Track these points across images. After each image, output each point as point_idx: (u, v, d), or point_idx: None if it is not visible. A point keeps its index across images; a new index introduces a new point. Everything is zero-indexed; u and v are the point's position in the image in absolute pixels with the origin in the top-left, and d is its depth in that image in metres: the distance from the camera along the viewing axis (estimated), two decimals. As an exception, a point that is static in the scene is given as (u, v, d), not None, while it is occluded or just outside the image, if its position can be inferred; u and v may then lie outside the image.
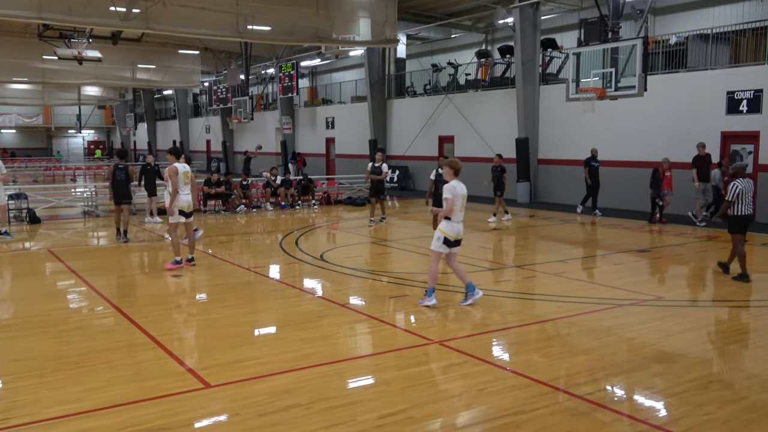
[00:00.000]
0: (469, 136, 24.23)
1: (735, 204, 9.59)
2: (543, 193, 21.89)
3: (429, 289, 8.10)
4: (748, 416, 4.88)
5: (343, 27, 21.02)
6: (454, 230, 7.92)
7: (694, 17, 20.51)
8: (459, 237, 8.00)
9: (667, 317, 7.65)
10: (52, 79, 32.51)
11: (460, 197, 7.83)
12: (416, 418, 4.83)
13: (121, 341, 6.73)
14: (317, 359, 6.11)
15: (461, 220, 7.98)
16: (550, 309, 8.17)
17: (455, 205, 7.79)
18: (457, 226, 7.93)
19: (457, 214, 7.88)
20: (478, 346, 6.58)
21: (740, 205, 9.61)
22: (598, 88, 15.26)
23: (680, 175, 17.38)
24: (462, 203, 7.89)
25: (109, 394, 5.25)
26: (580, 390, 5.36)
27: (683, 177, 17.59)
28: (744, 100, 16.16)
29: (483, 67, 25.61)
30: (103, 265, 11.24)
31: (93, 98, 48.99)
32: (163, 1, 17.55)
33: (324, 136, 33.49)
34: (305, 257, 11.80)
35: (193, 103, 48.45)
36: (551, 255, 12.08)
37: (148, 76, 34.58)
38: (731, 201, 9.60)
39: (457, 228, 7.94)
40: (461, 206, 7.89)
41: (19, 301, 8.74)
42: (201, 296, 9.26)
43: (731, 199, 9.60)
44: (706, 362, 6.14)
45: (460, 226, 7.98)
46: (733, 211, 9.68)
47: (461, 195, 7.85)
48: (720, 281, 10.17)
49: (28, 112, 57.78)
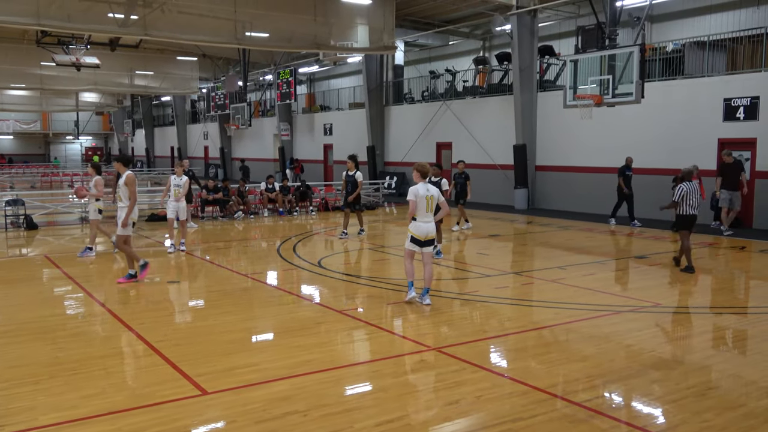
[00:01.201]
0: (467, 143, 24.26)
1: (681, 204, 10.66)
2: (541, 200, 21.91)
3: (409, 283, 8.50)
4: (746, 423, 4.87)
5: (341, 34, 21.07)
6: (420, 230, 8.24)
7: (691, 24, 20.60)
8: (428, 236, 8.28)
9: (665, 324, 7.65)
10: (49, 85, 32.53)
11: (423, 198, 8.16)
12: (414, 425, 4.81)
13: (117, 348, 6.71)
14: (315, 366, 6.10)
15: (429, 221, 8.27)
16: (548, 315, 8.16)
17: (419, 206, 8.15)
18: (423, 226, 8.23)
19: (423, 215, 8.20)
20: (475, 352, 6.56)
21: (685, 205, 10.67)
22: (596, 95, 15.29)
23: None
24: (427, 204, 8.19)
25: (105, 401, 5.22)
26: (578, 397, 5.35)
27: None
28: (741, 107, 16.20)
29: (480, 74, 25.65)
30: (100, 272, 11.22)
31: (91, 104, 48.98)
32: (162, 7, 17.59)
33: (322, 142, 33.51)
34: (303, 264, 11.78)
35: (191, 110, 48.46)
36: (549, 261, 12.08)
37: (146, 83, 34.63)
38: (676, 202, 10.68)
39: (424, 228, 8.23)
40: (426, 207, 8.19)
41: (15, 307, 8.70)
42: (198, 302, 9.23)
43: (677, 200, 10.68)
44: (705, 369, 6.13)
45: (427, 226, 8.26)
46: (679, 211, 10.76)
47: (424, 196, 8.17)
48: (717, 288, 10.20)
49: (25, 118, 57.81)
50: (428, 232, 8.26)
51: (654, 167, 18.12)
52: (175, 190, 12.96)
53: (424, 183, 8.29)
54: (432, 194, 8.27)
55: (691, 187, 10.64)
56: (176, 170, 13.47)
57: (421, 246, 8.34)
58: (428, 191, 8.25)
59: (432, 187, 8.40)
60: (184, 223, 13.29)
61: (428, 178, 8.46)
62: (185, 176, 13.34)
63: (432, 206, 8.27)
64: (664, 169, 17.84)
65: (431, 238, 8.34)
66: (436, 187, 8.58)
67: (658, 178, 17.98)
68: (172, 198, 12.96)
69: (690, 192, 10.63)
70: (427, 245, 8.36)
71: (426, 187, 8.28)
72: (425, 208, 8.20)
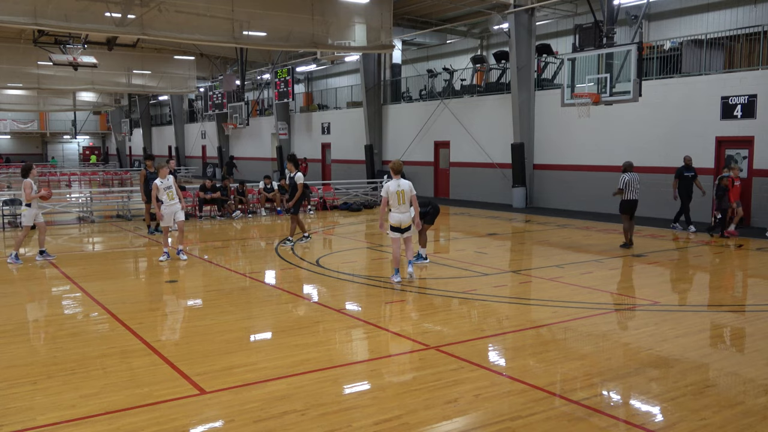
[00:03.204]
0: (465, 142, 24.27)
1: (624, 192, 12.85)
2: (539, 198, 21.92)
3: (395, 270, 9.85)
4: (744, 421, 4.88)
5: (338, 33, 21.06)
6: (394, 218, 9.68)
7: (688, 23, 20.62)
8: (402, 225, 9.68)
9: (662, 322, 7.66)
10: (47, 84, 32.46)
11: (393, 193, 9.59)
12: (412, 424, 4.81)
13: (115, 347, 6.70)
14: (313, 365, 6.10)
15: (403, 211, 9.63)
16: (546, 314, 8.16)
17: (391, 199, 9.62)
18: (396, 216, 9.65)
19: (396, 206, 9.62)
20: (473, 351, 6.57)
21: (628, 192, 12.86)
22: (593, 94, 15.29)
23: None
24: (399, 198, 9.58)
25: (103, 401, 5.22)
26: (576, 395, 5.36)
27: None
28: (738, 105, 16.22)
29: (478, 73, 25.66)
30: (98, 271, 11.21)
31: (88, 104, 48.90)
32: (159, 6, 17.57)
33: (320, 141, 33.50)
34: (301, 263, 11.78)
35: (189, 109, 48.40)
36: (547, 260, 12.08)
37: (144, 82, 34.58)
38: (622, 189, 12.86)
39: (397, 217, 9.64)
40: (398, 200, 9.58)
41: (13, 307, 8.69)
42: (196, 302, 9.23)
43: (621, 187, 12.87)
44: (702, 367, 6.14)
45: (401, 216, 9.63)
46: (623, 197, 12.93)
47: (395, 192, 9.59)
48: (715, 286, 10.21)
49: (23, 117, 57.72)
50: (401, 220, 9.67)
51: (651, 165, 18.14)
52: (168, 193, 11.88)
53: (396, 179, 9.68)
54: (402, 189, 9.60)
55: (633, 177, 12.87)
56: (161, 172, 12.04)
57: (401, 233, 9.75)
58: (399, 186, 9.62)
59: (403, 182, 9.69)
60: (182, 225, 12.22)
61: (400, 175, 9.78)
62: (171, 176, 12.16)
63: (403, 199, 9.59)
64: (662, 167, 17.86)
65: (408, 226, 9.75)
66: (407, 182, 9.78)
67: (655, 176, 17.99)
68: (167, 202, 11.92)
69: (632, 180, 12.84)
70: (407, 231, 9.80)
71: (397, 183, 9.65)
72: (397, 201, 9.59)
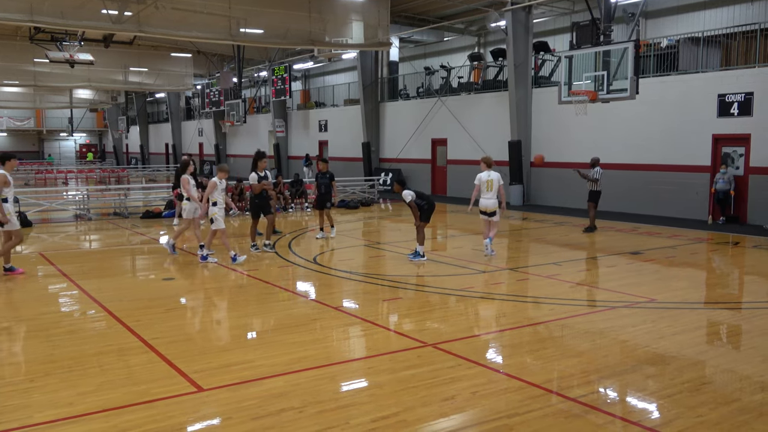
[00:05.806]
0: (462, 139, 24.27)
1: (598, 182, 14.62)
2: (536, 196, 21.95)
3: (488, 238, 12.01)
4: (740, 418, 4.89)
5: (335, 30, 21.02)
6: (481, 204, 11.65)
7: (685, 20, 20.63)
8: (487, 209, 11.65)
9: (659, 319, 7.67)
10: (43, 82, 32.37)
11: (484, 182, 11.37)
12: (409, 421, 4.82)
13: (112, 345, 6.69)
14: (310, 362, 6.10)
15: (489, 197, 11.53)
16: (543, 311, 8.17)
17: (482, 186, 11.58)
18: (483, 201, 11.65)
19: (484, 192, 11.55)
20: (471, 348, 6.58)
21: (600, 184, 14.61)
22: (590, 91, 15.31)
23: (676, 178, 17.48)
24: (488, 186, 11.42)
25: (100, 398, 5.22)
26: (573, 392, 5.37)
27: (679, 180, 17.70)
28: (735, 102, 16.25)
29: (476, 70, 25.66)
30: (95, 269, 11.19)
31: (85, 101, 48.83)
32: (155, 4, 17.52)
33: (317, 138, 33.47)
34: (298, 260, 11.77)
35: (186, 106, 48.31)
36: (544, 257, 12.09)
37: (141, 79, 34.52)
38: (597, 180, 14.61)
39: (484, 202, 11.62)
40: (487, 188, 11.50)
41: (10, 304, 8.68)
42: (193, 299, 9.22)
43: (597, 178, 14.62)
44: (699, 364, 6.15)
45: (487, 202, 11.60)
46: (594, 188, 14.73)
47: (485, 180, 11.37)
48: (712, 284, 10.23)
49: (19, 115, 57.57)
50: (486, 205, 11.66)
51: (648, 163, 18.17)
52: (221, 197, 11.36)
53: (487, 171, 11.45)
54: (492, 178, 11.33)
55: (601, 171, 14.72)
56: (220, 174, 11.34)
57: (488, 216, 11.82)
58: (489, 176, 11.41)
59: (493, 173, 11.38)
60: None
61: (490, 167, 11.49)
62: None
63: (491, 187, 11.40)
64: (659, 164, 17.89)
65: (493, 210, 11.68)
66: (497, 174, 11.43)
67: (652, 174, 18.03)
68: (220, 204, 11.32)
69: (602, 174, 14.79)
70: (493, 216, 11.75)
71: (488, 173, 11.42)
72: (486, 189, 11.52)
